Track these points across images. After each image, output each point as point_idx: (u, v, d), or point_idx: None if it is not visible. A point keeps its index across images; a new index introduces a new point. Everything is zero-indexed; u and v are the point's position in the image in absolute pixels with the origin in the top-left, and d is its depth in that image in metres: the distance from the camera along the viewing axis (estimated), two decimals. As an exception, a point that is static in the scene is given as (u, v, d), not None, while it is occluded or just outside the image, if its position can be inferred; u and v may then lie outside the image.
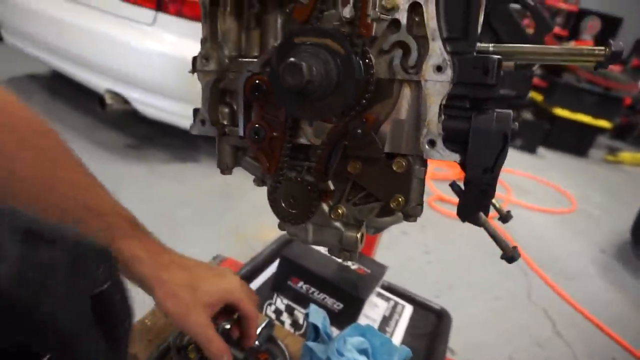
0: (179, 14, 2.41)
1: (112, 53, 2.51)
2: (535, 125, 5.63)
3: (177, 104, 2.55)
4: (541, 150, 5.68)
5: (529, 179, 4.29)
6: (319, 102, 0.43)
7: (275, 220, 0.56)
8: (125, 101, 2.63)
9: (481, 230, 0.46)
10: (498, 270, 2.46)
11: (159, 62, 2.42)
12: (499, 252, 0.47)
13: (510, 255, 0.46)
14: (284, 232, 0.59)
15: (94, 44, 2.57)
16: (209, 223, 2.28)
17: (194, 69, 0.54)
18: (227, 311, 0.68)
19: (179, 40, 2.41)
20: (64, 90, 3.43)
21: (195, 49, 0.54)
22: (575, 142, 5.90)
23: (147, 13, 2.45)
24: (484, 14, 0.93)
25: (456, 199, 0.46)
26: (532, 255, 2.68)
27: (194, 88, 2.21)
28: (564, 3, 6.97)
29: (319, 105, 0.44)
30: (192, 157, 2.97)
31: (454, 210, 0.46)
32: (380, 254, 1.70)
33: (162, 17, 2.43)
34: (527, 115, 5.81)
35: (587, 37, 7.02)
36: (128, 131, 3.13)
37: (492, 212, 0.49)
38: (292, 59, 0.40)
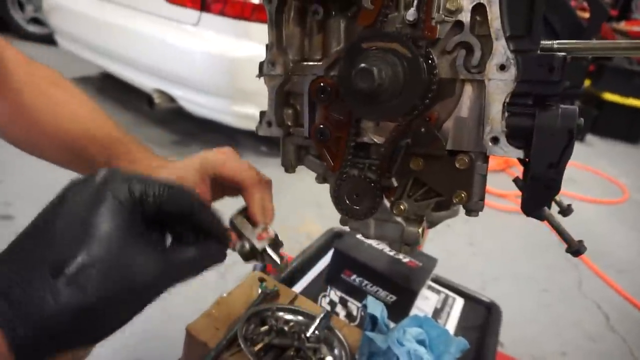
0: (221, 13, 2.47)
1: (159, 54, 2.60)
2: (583, 111, 5.38)
3: (218, 101, 2.62)
4: (589, 137, 5.45)
5: (577, 169, 4.13)
6: (386, 104, 0.45)
7: (318, 213, 0.59)
8: (171, 99, 2.73)
9: (526, 222, 0.47)
10: (545, 263, 2.40)
11: (203, 61, 2.49)
12: (546, 244, 0.48)
13: (576, 248, 0.46)
14: (333, 226, 0.62)
15: (142, 46, 2.67)
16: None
17: (260, 74, 0.57)
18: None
19: (221, 39, 2.47)
20: (114, 90, 3.59)
21: (236, 46, 0.58)
22: (626, 128, 5.60)
23: (192, 13, 2.53)
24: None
25: (499, 190, 0.47)
26: (581, 247, 2.59)
27: (235, 85, 2.32)
28: (613, -19, 6.62)
29: (387, 107, 0.46)
30: (235, 153, 3.05)
31: (497, 202, 0.47)
32: (425, 247, 1.71)
33: (206, 16, 2.50)
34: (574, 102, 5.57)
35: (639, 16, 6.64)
36: (173, 127, 3.24)
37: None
38: (364, 65, 0.42)
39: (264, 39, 0.57)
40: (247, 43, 2.39)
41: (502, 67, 0.45)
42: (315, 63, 0.55)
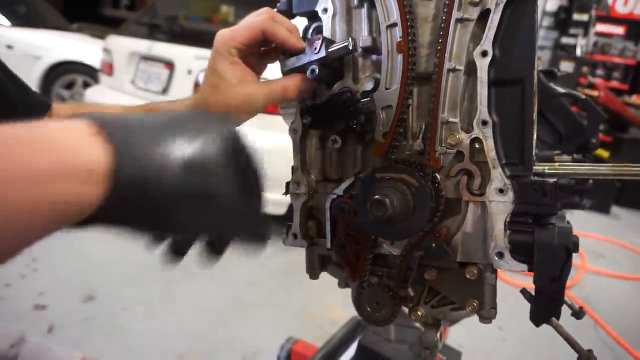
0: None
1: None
2: (606, 183, 5.37)
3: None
4: (615, 209, 5.36)
5: (604, 242, 4.03)
6: (398, 226, 0.51)
7: (342, 298, 0.62)
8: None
9: None
10: (582, 345, 2.29)
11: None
12: (581, 329, 0.50)
13: (586, 358, 0.49)
14: (356, 314, 0.64)
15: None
16: (278, 303, 2.35)
17: (286, 192, 0.65)
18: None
19: (248, 129, 2.64)
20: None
21: (261, 136, 0.64)
22: (651, 198, 5.52)
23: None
24: (540, 110, 1.01)
25: (524, 268, 0.50)
26: (618, 330, 2.47)
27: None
28: (619, 57, 6.86)
29: (399, 228, 0.52)
30: (258, 235, 3.11)
31: (524, 280, 0.51)
32: (452, 333, 1.68)
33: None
34: (594, 173, 5.56)
35: (650, 89, 6.78)
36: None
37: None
38: (377, 197, 0.49)
39: (285, 128, 0.64)
40: (270, 133, 2.55)
41: (501, 191, 0.51)
42: (336, 182, 0.62)
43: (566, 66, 5.93)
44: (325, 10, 0.60)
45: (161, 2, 3.98)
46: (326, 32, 0.60)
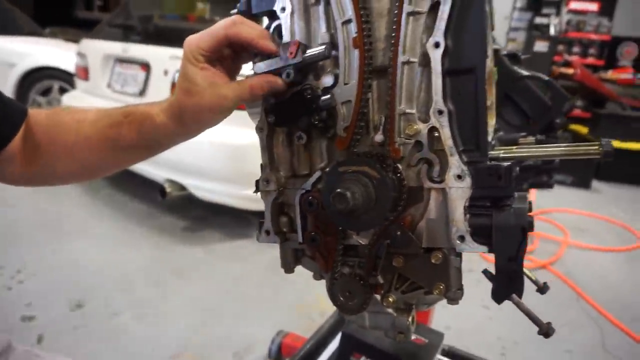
0: (225, 105, 2.66)
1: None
2: (585, 158, 5.47)
3: (227, 186, 2.74)
4: (595, 184, 5.47)
5: (586, 217, 4.13)
6: (362, 217, 0.53)
7: None
8: (182, 188, 2.87)
9: (542, 278, 0.51)
10: (565, 321, 2.35)
11: (211, 150, 2.65)
12: (565, 299, 0.53)
13: (545, 331, 0.51)
14: None
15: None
16: (269, 298, 2.37)
17: (257, 190, 0.66)
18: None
19: (226, 128, 2.64)
20: (127, 182, 3.76)
21: (240, 134, 0.67)
22: (631, 171, 5.65)
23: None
24: (505, 92, 1.03)
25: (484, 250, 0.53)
26: (600, 302, 2.55)
27: (241, 170, 2.45)
28: (594, 34, 6.95)
29: (363, 219, 0.53)
30: (245, 234, 3.12)
31: None
32: (437, 315, 1.71)
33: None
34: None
35: (626, 63, 6.90)
36: (184, 214, 3.35)
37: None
38: (338, 190, 0.50)
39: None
40: (249, 131, 2.55)
41: (459, 177, 0.53)
42: (304, 178, 0.63)
43: (541, 46, 6.00)
44: (283, 9, 0.61)
45: (134, 2, 3.92)
46: (285, 31, 0.61)
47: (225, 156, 2.64)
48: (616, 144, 5.55)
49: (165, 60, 2.97)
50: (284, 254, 0.67)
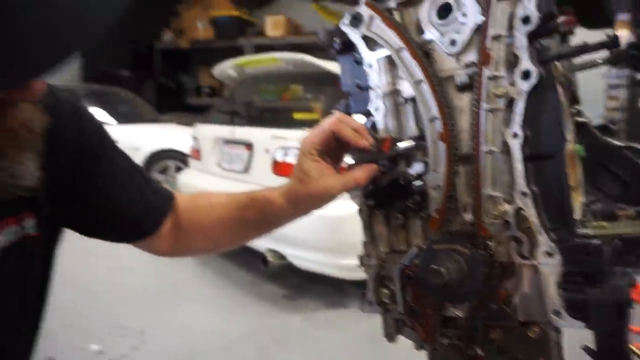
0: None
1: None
2: None
3: (325, 256, 2.86)
4: None
5: None
6: (456, 291, 0.58)
7: None
8: (282, 257, 3.04)
9: None
10: None
11: (311, 221, 2.79)
12: None
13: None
14: None
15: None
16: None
17: (361, 264, 0.75)
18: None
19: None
20: (232, 252, 4.05)
21: (338, 205, 0.75)
22: None
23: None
24: (602, 163, 1.02)
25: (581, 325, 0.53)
26: None
27: (339, 240, 2.56)
28: None
29: (457, 292, 0.59)
30: (342, 303, 3.16)
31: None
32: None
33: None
34: None
35: None
36: (284, 282, 3.50)
37: None
38: (433, 266, 0.57)
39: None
40: (347, 202, 2.68)
41: (549, 254, 0.57)
42: (402, 253, 0.70)
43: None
44: (377, 109, 0.73)
45: (238, 91, 4.45)
46: (379, 126, 0.72)
47: (323, 227, 2.78)
48: None
49: (267, 139, 3.30)
50: (386, 324, 0.73)
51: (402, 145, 0.68)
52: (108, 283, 3.35)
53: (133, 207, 0.81)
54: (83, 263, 3.01)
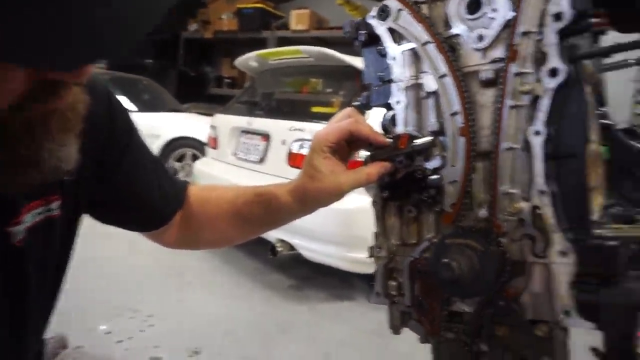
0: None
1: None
2: None
3: (334, 248, 2.87)
4: None
5: None
6: (467, 286, 0.59)
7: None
8: (291, 247, 3.05)
9: None
10: None
11: (322, 213, 2.79)
12: None
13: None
14: None
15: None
16: (370, 364, 2.36)
17: (370, 255, 0.75)
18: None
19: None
20: (242, 240, 4.09)
21: (350, 199, 0.77)
22: None
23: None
24: (626, 167, 1.01)
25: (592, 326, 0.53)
26: None
27: (349, 233, 2.58)
28: None
29: (468, 287, 0.59)
30: (348, 295, 3.17)
31: None
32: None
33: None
34: None
35: None
36: (291, 273, 3.52)
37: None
38: (445, 260, 0.57)
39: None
40: (358, 196, 2.69)
41: (563, 254, 0.56)
42: (412, 246, 0.71)
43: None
44: (398, 102, 0.73)
45: (258, 83, 4.47)
46: (399, 119, 0.72)
47: (334, 220, 2.78)
48: None
49: (284, 131, 3.31)
50: (392, 315, 0.74)
51: (419, 142, 0.68)
52: (124, 266, 3.41)
53: (152, 196, 0.82)
54: (103, 245, 3.06)
